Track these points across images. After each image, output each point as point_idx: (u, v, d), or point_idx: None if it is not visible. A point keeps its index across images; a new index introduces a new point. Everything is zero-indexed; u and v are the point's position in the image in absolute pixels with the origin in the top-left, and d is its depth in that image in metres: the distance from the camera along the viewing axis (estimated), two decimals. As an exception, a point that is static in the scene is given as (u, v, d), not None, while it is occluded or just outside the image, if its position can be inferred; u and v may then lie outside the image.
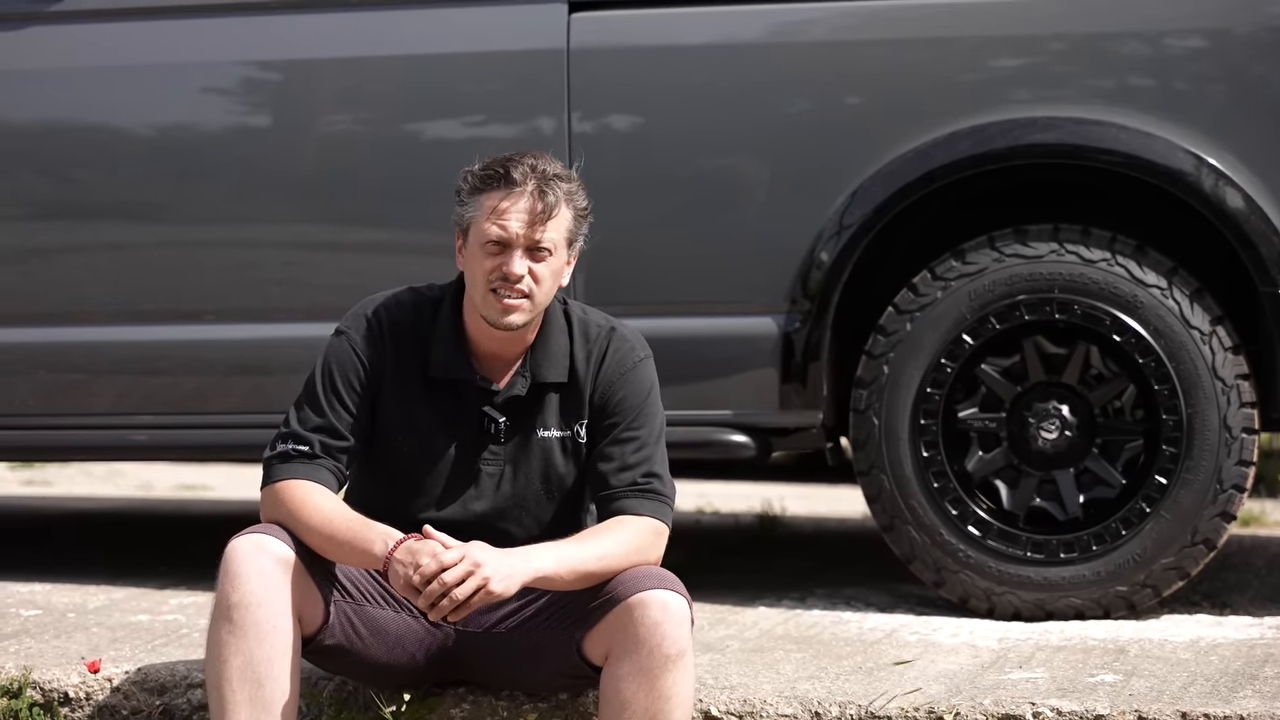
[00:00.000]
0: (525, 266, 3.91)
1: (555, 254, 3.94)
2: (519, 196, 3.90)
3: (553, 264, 3.94)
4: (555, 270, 3.96)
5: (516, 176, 3.90)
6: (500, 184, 3.91)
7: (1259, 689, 4.27)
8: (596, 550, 3.86)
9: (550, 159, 3.96)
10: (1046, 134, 4.98)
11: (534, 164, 3.92)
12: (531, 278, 3.92)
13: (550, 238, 3.92)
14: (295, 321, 5.24)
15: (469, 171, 3.97)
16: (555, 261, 3.95)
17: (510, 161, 3.93)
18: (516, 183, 3.90)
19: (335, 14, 5.31)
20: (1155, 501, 4.98)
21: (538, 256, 3.92)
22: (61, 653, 4.60)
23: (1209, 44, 5.01)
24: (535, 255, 3.92)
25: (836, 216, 5.04)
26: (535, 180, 3.90)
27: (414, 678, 4.15)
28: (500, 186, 3.91)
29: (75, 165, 5.44)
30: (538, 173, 3.91)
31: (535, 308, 3.95)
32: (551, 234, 3.92)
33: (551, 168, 3.94)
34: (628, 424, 4.00)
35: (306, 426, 3.96)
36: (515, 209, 3.90)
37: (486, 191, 3.93)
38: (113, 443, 5.49)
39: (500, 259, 3.91)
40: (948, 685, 4.32)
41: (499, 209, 3.91)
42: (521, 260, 3.90)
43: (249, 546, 3.83)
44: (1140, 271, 4.98)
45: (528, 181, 3.90)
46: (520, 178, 3.90)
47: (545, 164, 3.94)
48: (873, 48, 5.10)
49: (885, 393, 5.07)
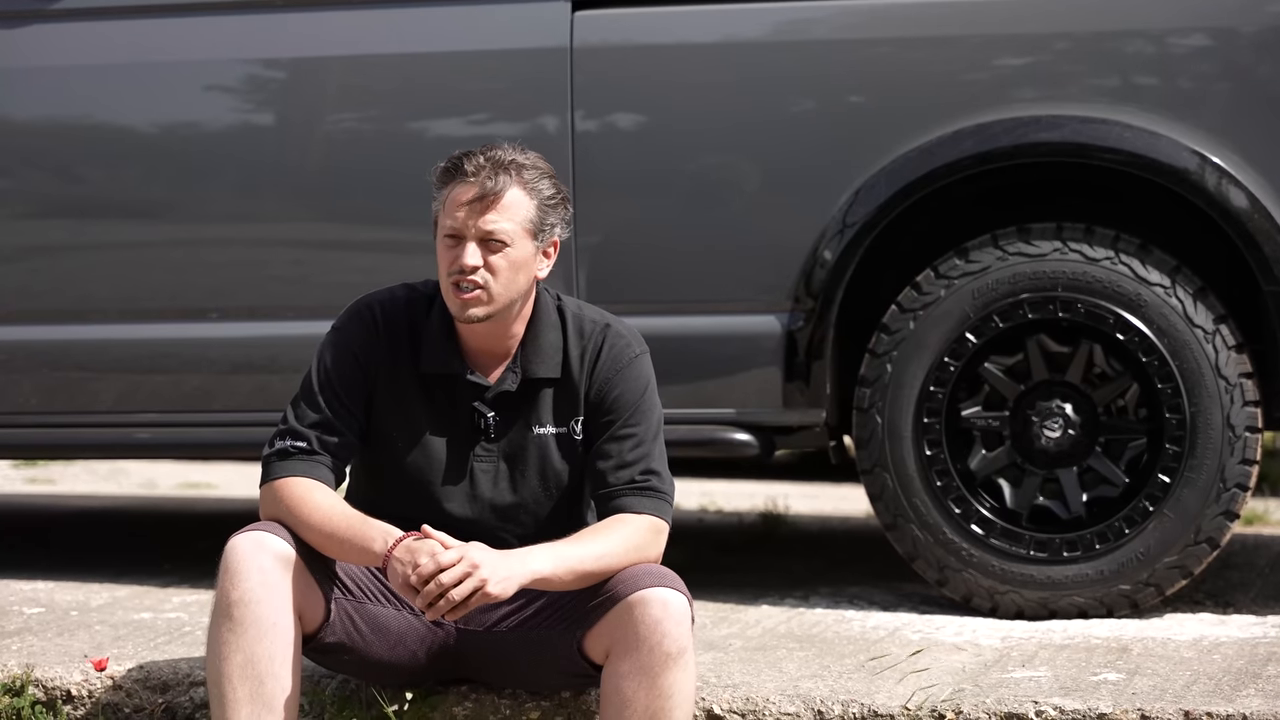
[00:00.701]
0: (478, 258, 3.88)
1: (514, 245, 3.90)
2: (470, 187, 3.88)
3: (511, 255, 3.90)
4: (515, 262, 3.91)
5: (469, 168, 3.88)
6: (455, 176, 3.90)
7: (1262, 688, 4.26)
8: (595, 550, 3.85)
9: (515, 149, 3.93)
10: (1051, 132, 4.98)
11: (491, 154, 3.89)
12: (488, 270, 3.89)
13: (503, 228, 3.88)
14: (300, 320, 5.24)
15: (435, 166, 3.97)
16: (515, 253, 3.90)
17: (468, 154, 3.91)
18: (469, 174, 3.88)
19: (340, 11, 5.31)
20: (1158, 500, 4.98)
21: (492, 248, 3.89)
22: (64, 651, 4.60)
23: (1214, 43, 5.00)
24: (489, 246, 3.89)
25: (840, 215, 5.04)
26: (487, 169, 3.88)
27: (415, 676, 4.14)
28: (455, 179, 3.90)
29: (80, 163, 5.44)
30: (491, 160, 3.88)
31: (494, 300, 3.91)
32: (504, 224, 3.88)
33: (507, 155, 3.90)
34: (625, 421, 3.99)
35: (304, 423, 3.96)
36: (465, 199, 3.88)
37: (446, 185, 3.92)
38: (116, 441, 5.49)
39: (455, 251, 3.90)
40: (951, 683, 4.32)
41: (452, 200, 3.90)
42: (475, 252, 3.88)
43: (249, 544, 3.83)
44: (1144, 270, 4.98)
45: (480, 173, 3.88)
46: (473, 169, 3.88)
47: (504, 154, 3.90)
48: (876, 46, 5.09)
49: (888, 391, 5.07)
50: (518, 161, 3.91)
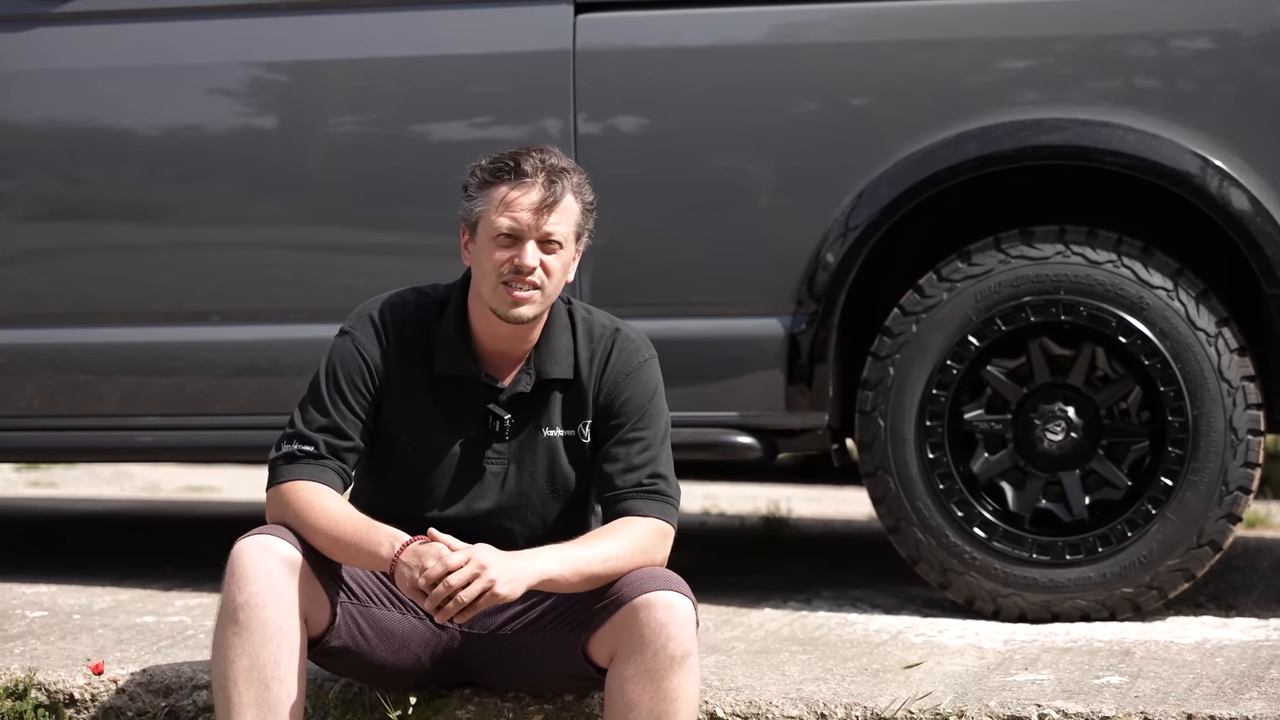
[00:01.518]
0: (538, 258, 3.91)
1: (565, 247, 3.94)
2: (529, 188, 3.90)
3: (563, 257, 3.95)
4: (565, 263, 3.96)
5: (527, 169, 3.91)
6: (511, 176, 3.91)
7: (1265, 690, 4.26)
8: (602, 552, 3.86)
9: (557, 153, 3.97)
10: (1053, 135, 4.98)
11: (543, 157, 3.93)
12: (543, 270, 3.92)
13: (561, 230, 3.92)
14: (304, 322, 5.24)
15: (477, 166, 3.97)
16: (565, 255, 3.95)
17: (520, 155, 3.93)
18: (527, 175, 3.90)
19: (343, 15, 5.31)
20: (1161, 503, 4.98)
21: (549, 249, 3.92)
22: (67, 654, 4.60)
23: (1216, 46, 5.00)
24: (546, 247, 3.92)
25: (843, 218, 5.04)
26: (545, 173, 3.91)
27: (420, 679, 4.15)
28: (511, 179, 3.91)
29: (82, 166, 5.44)
30: (547, 165, 3.92)
31: (545, 300, 3.95)
32: (562, 226, 3.92)
33: (560, 161, 3.95)
34: (633, 425, 3.99)
35: (311, 427, 3.96)
36: (526, 200, 3.90)
37: (496, 185, 3.92)
38: (119, 444, 5.49)
39: (512, 251, 3.91)
40: (953, 687, 4.32)
41: (510, 201, 3.91)
42: (535, 252, 3.91)
43: (255, 548, 3.83)
44: (1146, 273, 4.98)
45: (538, 174, 3.90)
46: (531, 170, 3.91)
47: (553, 158, 3.94)
48: (879, 49, 5.09)
49: (891, 394, 5.07)
50: (567, 166, 3.95)
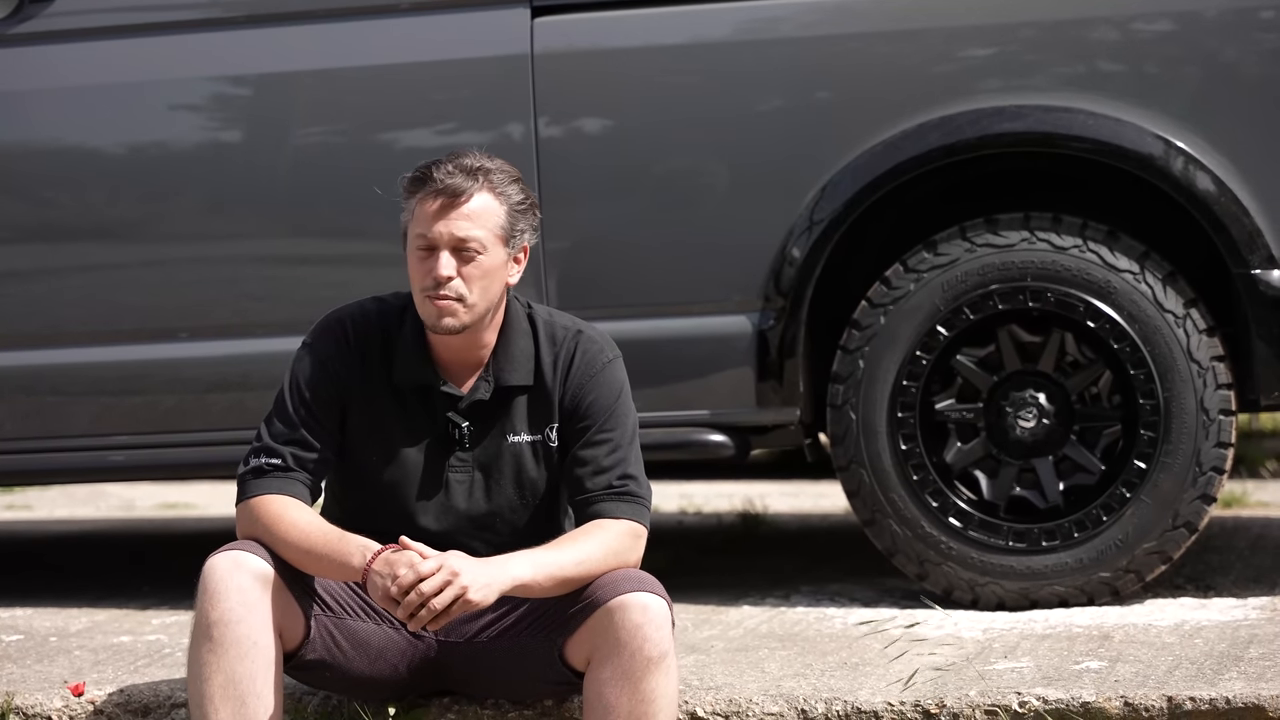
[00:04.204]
0: (452, 267, 3.86)
1: (486, 252, 3.88)
2: (440, 195, 3.86)
3: (484, 263, 3.89)
4: (488, 270, 3.90)
5: (438, 176, 3.86)
6: (423, 185, 3.88)
7: (1244, 670, 4.26)
8: (574, 556, 3.84)
9: (483, 156, 3.91)
10: (1015, 122, 4.98)
11: (460, 162, 3.88)
12: (462, 279, 3.87)
13: (475, 235, 3.86)
14: (274, 336, 5.22)
15: (403, 176, 3.95)
16: (487, 260, 3.89)
17: (436, 162, 3.89)
18: (437, 182, 3.86)
19: (303, 26, 5.29)
20: (1135, 486, 4.98)
21: (465, 256, 3.87)
22: (44, 677, 4.58)
23: (1176, 27, 5.00)
24: (462, 255, 3.87)
25: (807, 212, 5.04)
26: (458, 176, 3.86)
27: (398, 690, 4.13)
28: (423, 188, 3.88)
29: (47, 186, 5.42)
30: (461, 169, 3.86)
31: (471, 310, 3.90)
32: (476, 231, 3.87)
33: (476, 162, 3.88)
34: (600, 426, 3.97)
35: (278, 440, 3.94)
36: (436, 207, 3.86)
37: (415, 194, 3.90)
38: (91, 465, 5.46)
39: (428, 263, 3.88)
40: (934, 678, 4.31)
41: (423, 210, 3.88)
42: (449, 262, 3.86)
43: (227, 563, 3.82)
44: (1112, 257, 4.98)
45: (450, 179, 3.86)
46: (441, 176, 3.86)
47: (472, 160, 3.88)
48: (839, 42, 5.09)
49: (862, 387, 5.06)
50: (485, 167, 3.89)
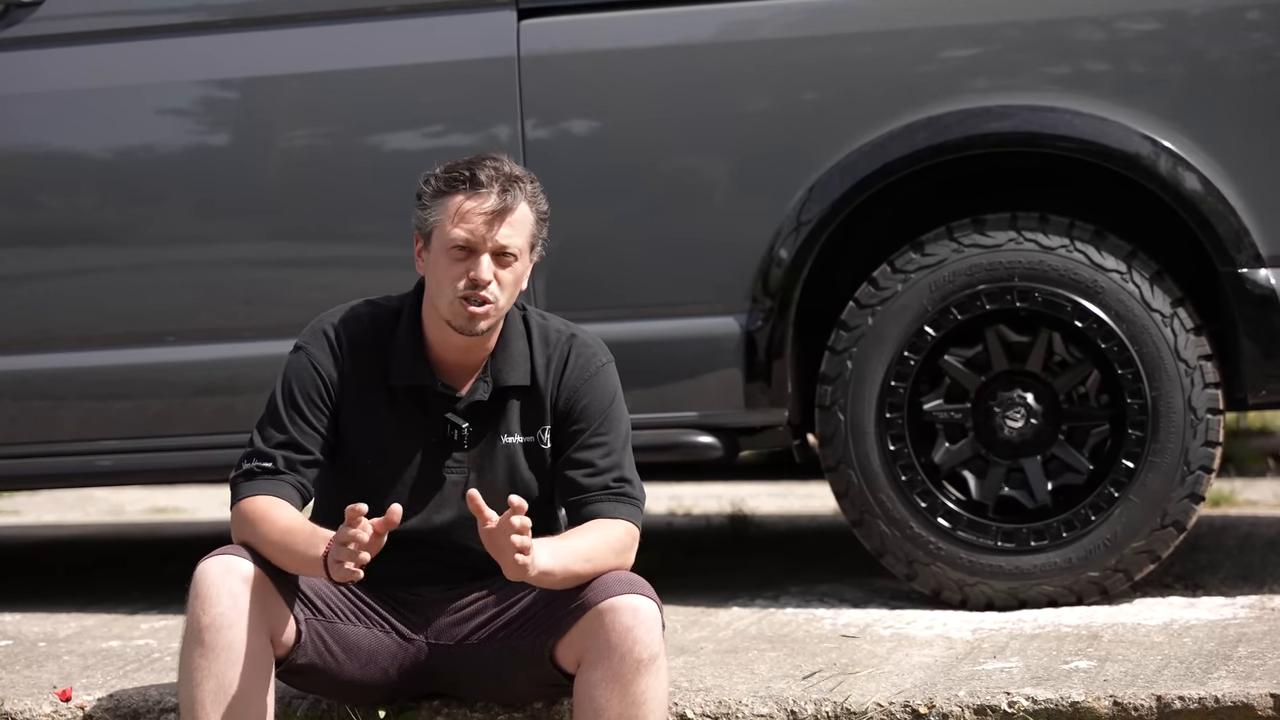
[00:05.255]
0: (492, 271, 3.88)
1: (519, 259, 3.92)
2: (484, 198, 3.87)
3: (517, 270, 3.92)
4: (519, 276, 3.94)
5: (483, 179, 3.87)
6: (466, 186, 3.88)
7: (1233, 669, 4.27)
8: (584, 550, 3.84)
9: (511, 162, 3.94)
10: (1002, 122, 4.99)
11: (498, 166, 3.89)
12: (497, 283, 3.89)
13: (515, 242, 3.89)
14: (261, 339, 5.22)
15: (432, 174, 3.94)
16: (520, 267, 3.93)
17: (475, 164, 3.89)
18: (482, 185, 3.87)
19: (290, 29, 5.29)
20: (1123, 486, 4.99)
21: (503, 262, 3.89)
22: (33, 683, 4.57)
23: (1162, 26, 5.01)
24: (501, 260, 3.89)
25: (794, 213, 5.04)
26: (500, 182, 3.87)
27: (388, 693, 4.13)
28: (466, 188, 3.88)
29: (33, 190, 5.40)
30: (502, 174, 3.88)
31: (499, 313, 3.93)
32: (516, 238, 3.89)
33: (515, 170, 3.91)
34: (594, 429, 3.98)
35: (270, 444, 3.94)
36: (480, 211, 3.87)
37: (451, 194, 3.89)
38: (78, 470, 5.45)
39: (467, 264, 3.88)
40: (923, 678, 4.32)
41: (465, 212, 3.87)
42: (489, 265, 3.88)
43: (218, 568, 3.82)
44: (1099, 256, 4.98)
45: (493, 183, 3.87)
46: (486, 180, 3.87)
47: (509, 166, 3.91)
48: (826, 43, 5.09)
49: (850, 388, 5.07)
50: (522, 176, 3.91)
